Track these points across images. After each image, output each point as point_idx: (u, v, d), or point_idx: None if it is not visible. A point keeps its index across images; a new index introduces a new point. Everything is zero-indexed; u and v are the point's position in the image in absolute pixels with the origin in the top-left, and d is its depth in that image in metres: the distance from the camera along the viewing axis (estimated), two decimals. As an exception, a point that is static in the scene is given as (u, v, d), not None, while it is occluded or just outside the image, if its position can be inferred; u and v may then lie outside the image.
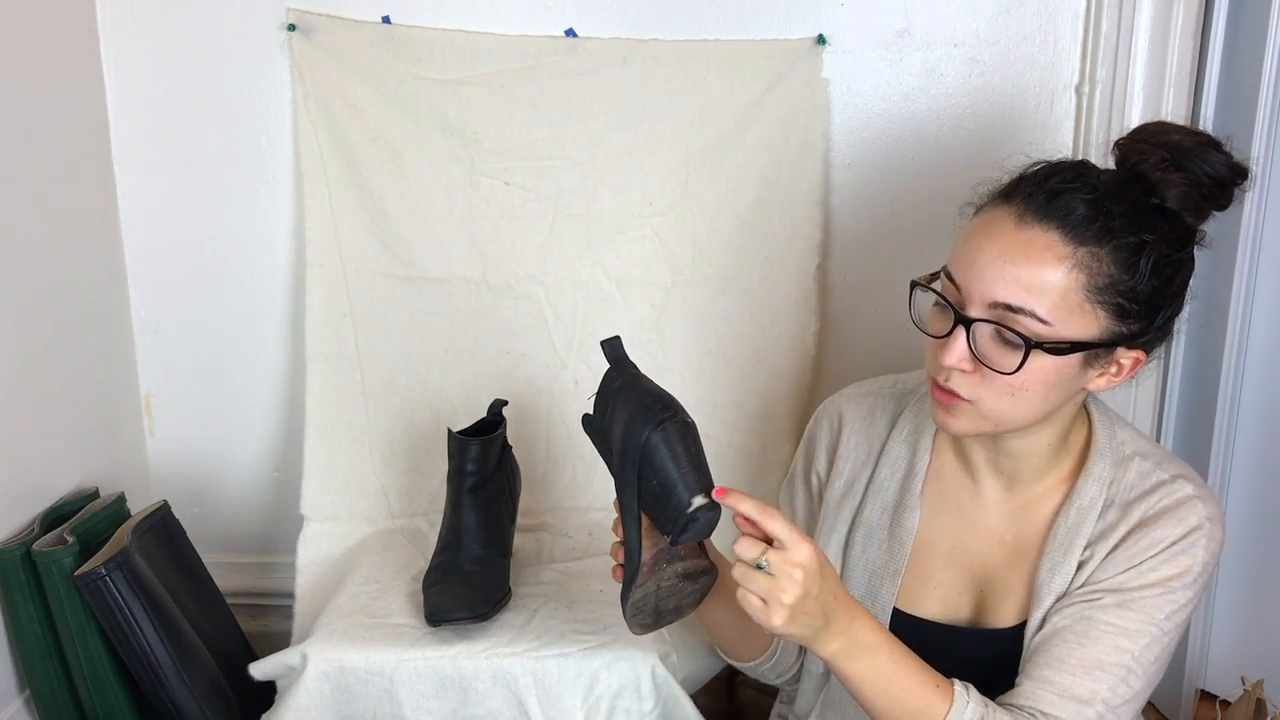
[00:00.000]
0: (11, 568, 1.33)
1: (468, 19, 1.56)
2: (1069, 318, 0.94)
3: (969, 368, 0.98)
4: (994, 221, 0.97)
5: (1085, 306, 0.95)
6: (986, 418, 1.00)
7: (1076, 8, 1.53)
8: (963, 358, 0.97)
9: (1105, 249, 0.94)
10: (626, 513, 1.03)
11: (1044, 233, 0.94)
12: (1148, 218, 0.96)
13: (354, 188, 1.59)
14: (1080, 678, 0.99)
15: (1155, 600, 1.01)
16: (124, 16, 1.57)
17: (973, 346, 0.97)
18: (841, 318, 1.66)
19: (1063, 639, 1.01)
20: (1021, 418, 1.00)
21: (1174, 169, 0.97)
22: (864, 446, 1.18)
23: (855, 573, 1.14)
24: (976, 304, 0.96)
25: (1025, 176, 1.00)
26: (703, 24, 1.55)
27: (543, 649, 1.28)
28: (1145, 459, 1.06)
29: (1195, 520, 1.02)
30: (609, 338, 1.09)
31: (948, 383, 0.99)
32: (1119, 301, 0.95)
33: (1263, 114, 1.44)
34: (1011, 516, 1.10)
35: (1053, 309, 0.94)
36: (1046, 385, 0.97)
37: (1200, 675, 1.65)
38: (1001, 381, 0.96)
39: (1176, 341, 1.60)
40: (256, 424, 1.73)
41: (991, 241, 0.96)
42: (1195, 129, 1.00)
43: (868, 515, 1.15)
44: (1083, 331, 0.95)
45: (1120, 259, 0.94)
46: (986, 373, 0.97)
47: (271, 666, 1.31)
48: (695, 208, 1.59)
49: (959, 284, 0.98)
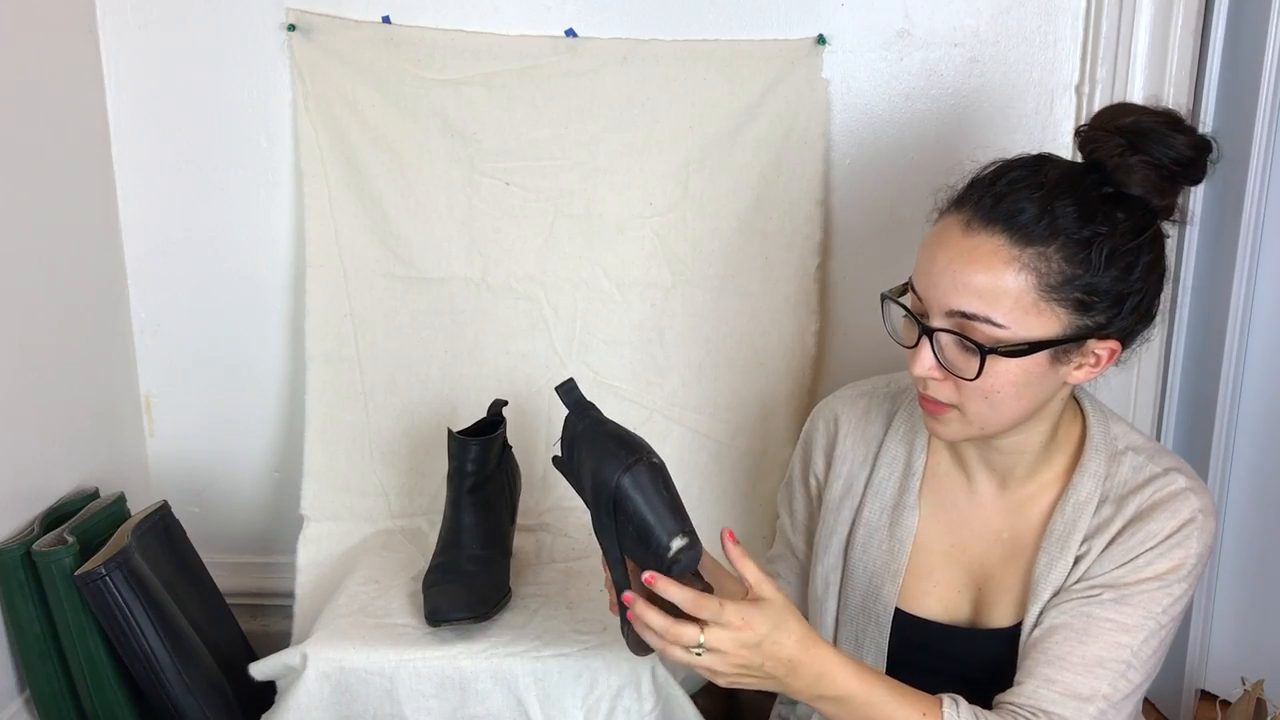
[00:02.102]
0: (11, 568, 1.33)
1: (468, 19, 1.56)
2: (1026, 318, 0.95)
3: (940, 376, 0.99)
4: (945, 230, 0.98)
5: (1041, 306, 0.95)
6: (972, 423, 1.01)
7: (1076, 8, 1.53)
8: (930, 367, 0.98)
9: (1052, 247, 0.94)
10: (609, 555, 1.02)
11: (990, 238, 0.95)
12: (1099, 208, 0.95)
13: (354, 188, 1.59)
14: (1081, 675, 1.00)
15: (1152, 594, 1.01)
16: (124, 16, 1.57)
17: (938, 355, 0.98)
18: (841, 318, 1.66)
19: (1062, 636, 1.01)
20: (1004, 419, 1.01)
21: (1132, 153, 0.96)
22: (861, 447, 1.18)
23: (856, 573, 1.15)
24: (936, 313, 0.97)
25: (976, 181, 1.00)
26: (703, 24, 1.55)
27: (543, 649, 1.28)
28: (1138, 453, 1.07)
29: (1188, 513, 1.02)
30: (562, 382, 1.07)
31: (926, 391, 1.01)
32: (1077, 296, 0.95)
33: (1263, 114, 1.44)
34: (1007, 514, 1.11)
35: (1008, 312, 0.94)
36: (1017, 386, 0.97)
37: (1200, 675, 1.65)
38: (972, 387, 0.97)
39: (1176, 341, 1.60)
40: (256, 424, 1.73)
41: (942, 250, 0.97)
42: (1156, 108, 0.99)
43: (867, 516, 1.15)
44: (1044, 330, 0.95)
45: (1070, 255, 0.94)
46: (955, 379, 0.98)
47: (271, 666, 1.31)
48: (695, 208, 1.59)
49: (920, 294, 0.99)
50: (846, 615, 1.15)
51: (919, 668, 1.12)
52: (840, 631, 1.16)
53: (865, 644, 1.13)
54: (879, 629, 1.12)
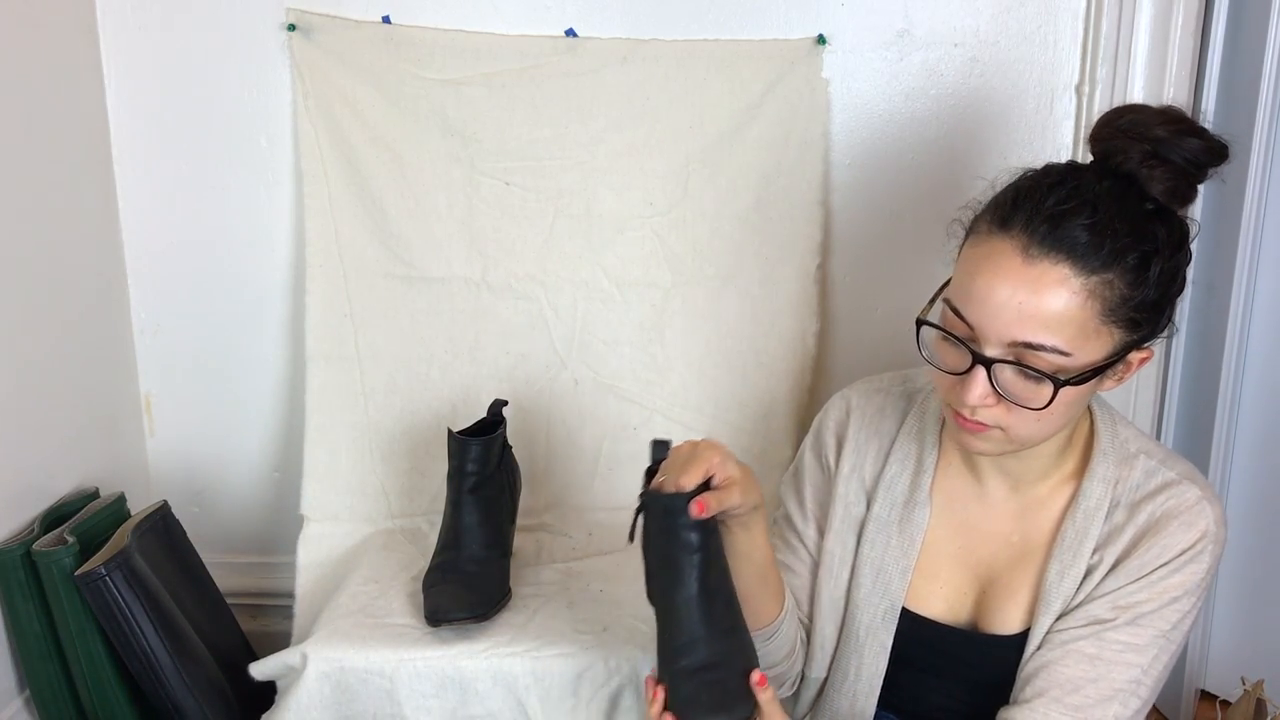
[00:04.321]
0: (11, 568, 1.33)
1: (468, 19, 1.56)
2: (1087, 344, 0.93)
3: (992, 402, 0.96)
4: (998, 256, 0.94)
5: (1101, 330, 0.93)
6: (1014, 441, 0.99)
7: (1076, 8, 1.53)
8: (986, 395, 0.95)
9: (1114, 272, 0.92)
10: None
11: (1054, 266, 0.92)
12: (1146, 226, 0.94)
13: (354, 188, 1.59)
14: (1093, 698, 0.99)
15: (1163, 612, 1.00)
16: (124, 16, 1.57)
17: (995, 384, 0.95)
18: (841, 318, 1.66)
19: (1073, 660, 1.01)
20: (1046, 435, 1.00)
21: (1157, 162, 0.95)
22: (874, 442, 1.17)
23: (865, 569, 1.14)
24: (994, 344, 0.94)
25: (1020, 200, 0.96)
26: (703, 24, 1.55)
27: (543, 649, 1.28)
28: (1150, 457, 1.06)
29: (1203, 526, 1.01)
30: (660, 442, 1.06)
31: (974, 416, 0.97)
32: (1131, 315, 0.94)
33: (1263, 114, 1.44)
34: (1017, 517, 1.10)
35: (1072, 340, 0.92)
36: (1070, 406, 0.96)
37: (1200, 675, 1.65)
38: (1028, 411, 0.95)
39: (1176, 341, 1.60)
40: (256, 424, 1.73)
41: (1001, 280, 0.93)
42: (1165, 109, 0.98)
43: (877, 511, 1.14)
44: (1101, 352, 0.94)
45: (1130, 279, 0.93)
46: (1008, 404, 0.96)
47: (271, 666, 1.31)
48: (695, 208, 1.59)
49: (970, 322, 0.95)
50: (852, 612, 1.15)
51: (920, 667, 1.12)
52: (845, 628, 1.16)
53: (869, 641, 1.13)
54: (885, 626, 1.12)
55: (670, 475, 1.00)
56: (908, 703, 1.12)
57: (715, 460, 0.99)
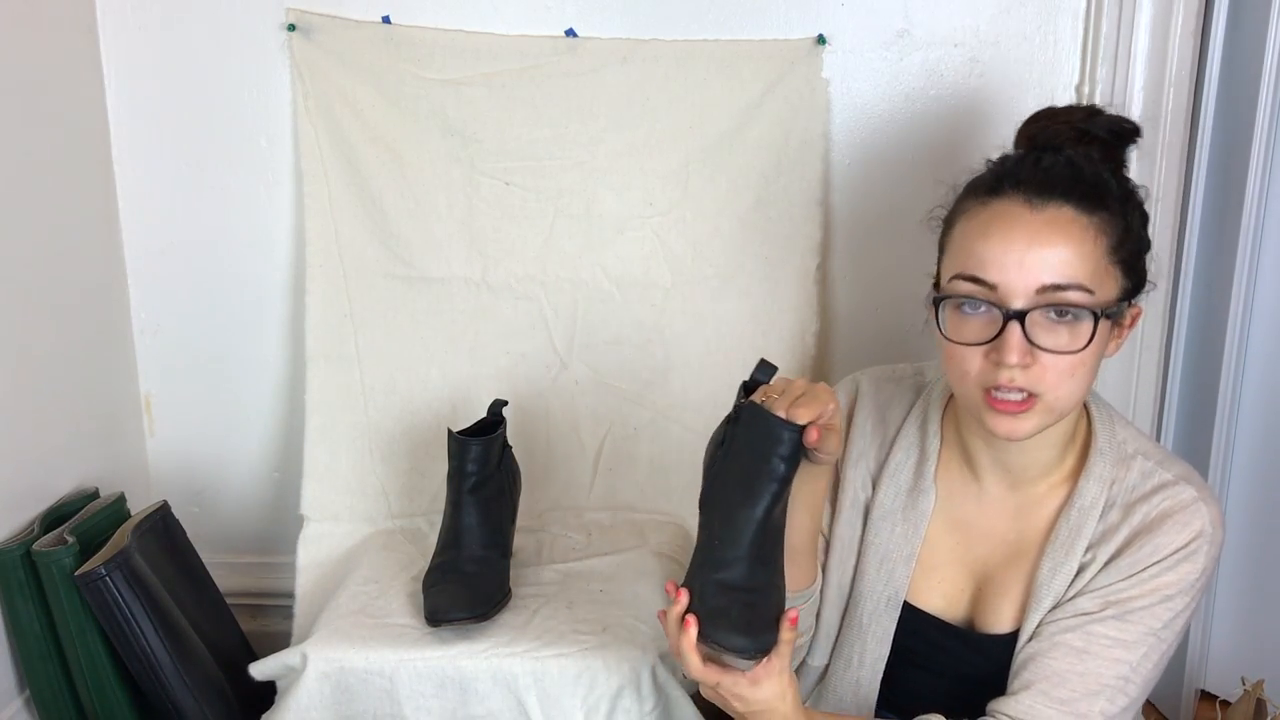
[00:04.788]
0: (11, 568, 1.33)
1: (468, 19, 1.56)
2: (1103, 283, 0.96)
3: (1030, 361, 0.95)
4: (1004, 213, 0.97)
5: (1110, 269, 0.97)
6: (1053, 409, 0.98)
7: (1076, 8, 1.53)
8: (1024, 351, 0.95)
9: (1108, 211, 0.97)
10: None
11: (1059, 210, 0.95)
12: (1109, 177, 1.00)
13: (354, 188, 1.59)
14: (1079, 691, 0.99)
15: (1153, 610, 1.00)
16: (124, 16, 1.57)
17: (1030, 338, 0.95)
18: (841, 318, 1.66)
19: (1062, 652, 1.01)
20: (1078, 396, 0.99)
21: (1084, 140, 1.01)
22: (880, 430, 1.17)
23: (869, 557, 1.14)
24: (1020, 295, 0.95)
25: (1003, 172, 1.01)
26: (703, 24, 1.55)
27: (543, 649, 1.28)
28: (1147, 458, 1.06)
29: (1199, 526, 1.00)
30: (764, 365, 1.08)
31: (1014, 383, 0.96)
32: (1125, 256, 0.98)
33: (1263, 114, 1.44)
34: (1014, 515, 1.10)
35: (1091, 276, 0.95)
36: (1096, 356, 0.98)
37: (1200, 675, 1.65)
38: (1062, 364, 0.95)
39: (1176, 340, 1.60)
40: (256, 424, 1.73)
41: (1016, 232, 0.95)
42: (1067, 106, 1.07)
43: (882, 499, 1.14)
44: (1113, 292, 0.98)
45: (1119, 220, 0.97)
46: (1044, 361, 0.95)
47: (271, 666, 1.31)
48: (695, 208, 1.59)
49: (992, 281, 0.96)
50: (855, 599, 1.15)
51: (918, 663, 1.12)
52: (847, 617, 1.16)
53: (871, 629, 1.13)
54: (888, 613, 1.12)
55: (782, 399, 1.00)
56: (900, 698, 1.12)
57: (831, 407, 0.98)
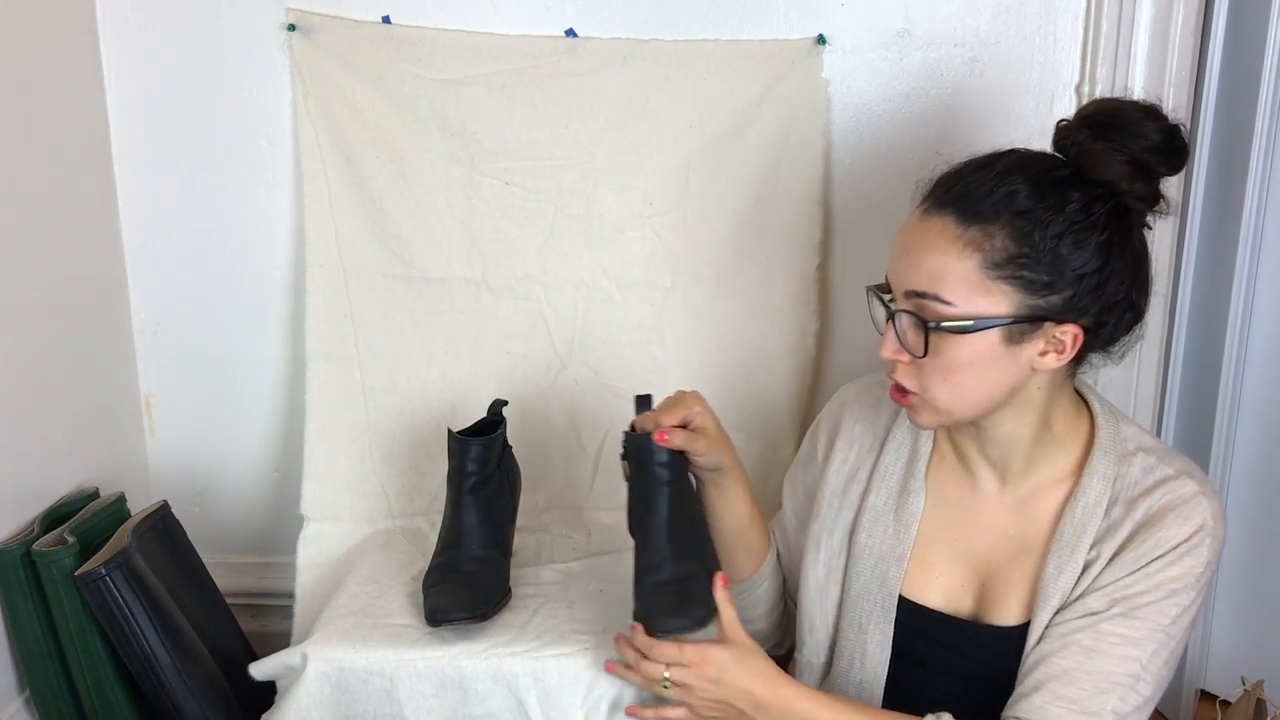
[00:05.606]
0: (11, 568, 1.33)
1: (468, 19, 1.56)
2: (974, 297, 0.98)
3: (905, 358, 1.02)
4: (910, 220, 1.04)
5: (989, 284, 0.97)
6: (938, 409, 1.03)
7: (1076, 8, 1.53)
8: (894, 348, 1.03)
9: (997, 225, 0.97)
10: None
11: (940, 219, 0.99)
12: (1050, 188, 0.97)
13: (354, 188, 1.59)
14: (1090, 690, 0.99)
15: (1160, 605, 1.00)
16: (124, 16, 1.57)
17: (900, 336, 1.02)
18: (841, 318, 1.66)
19: (1070, 652, 1.01)
20: (969, 404, 1.03)
21: (1094, 140, 0.99)
22: (870, 433, 1.19)
23: (861, 557, 1.14)
24: (898, 296, 1.03)
25: (945, 174, 1.04)
26: (703, 24, 1.55)
27: (543, 649, 1.28)
28: (1149, 454, 1.06)
29: (1200, 519, 1.01)
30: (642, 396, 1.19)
31: (893, 375, 1.05)
32: (1025, 275, 0.97)
33: (1263, 114, 1.44)
34: (1013, 511, 1.10)
35: (954, 290, 0.98)
36: (974, 367, 1.00)
37: (1200, 675, 1.65)
38: (932, 368, 1.00)
39: (1176, 340, 1.60)
40: (256, 424, 1.73)
41: (905, 236, 1.03)
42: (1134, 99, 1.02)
43: (873, 500, 1.15)
44: (993, 309, 0.98)
45: (1015, 232, 0.97)
46: (920, 362, 1.01)
47: (271, 666, 1.31)
48: (695, 208, 1.59)
49: (887, 281, 1.05)
50: (850, 601, 1.15)
51: (923, 663, 1.12)
52: (843, 619, 1.16)
53: (870, 631, 1.13)
54: (884, 614, 1.12)
55: (652, 416, 1.14)
56: (907, 701, 1.12)
57: (696, 409, 1.17)
